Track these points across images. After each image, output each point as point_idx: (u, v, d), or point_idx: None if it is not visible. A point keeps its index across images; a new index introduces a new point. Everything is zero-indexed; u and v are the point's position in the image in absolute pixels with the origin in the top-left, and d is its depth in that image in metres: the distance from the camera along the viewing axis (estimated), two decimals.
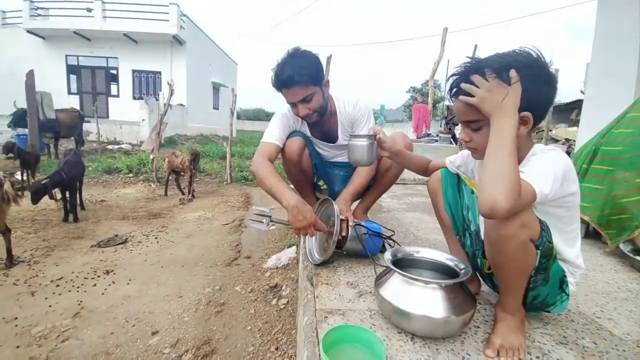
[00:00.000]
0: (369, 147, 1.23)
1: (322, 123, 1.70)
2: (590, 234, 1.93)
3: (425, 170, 1.30)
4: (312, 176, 1.90)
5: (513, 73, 0.79)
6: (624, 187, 1.67)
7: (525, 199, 0.75)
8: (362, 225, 1.42)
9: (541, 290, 0.92)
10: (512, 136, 0.78)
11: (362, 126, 1.71)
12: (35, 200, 3.39)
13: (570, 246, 0.93)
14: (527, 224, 0.79)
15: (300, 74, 1.44)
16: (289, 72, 1.44)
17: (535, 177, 0.77)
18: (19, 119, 7.52)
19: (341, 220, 1.36)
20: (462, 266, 1.00)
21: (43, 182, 3.48)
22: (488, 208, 0.72)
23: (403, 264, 1.08)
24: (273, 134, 1.66)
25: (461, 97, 0.85)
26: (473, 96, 0.83)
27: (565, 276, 0.93)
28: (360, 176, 1.69)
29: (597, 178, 1.78)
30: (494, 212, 0.72)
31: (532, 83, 0.81)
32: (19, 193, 2.71)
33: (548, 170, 0.80)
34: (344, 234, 1.39)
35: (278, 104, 1.67)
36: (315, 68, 1.49)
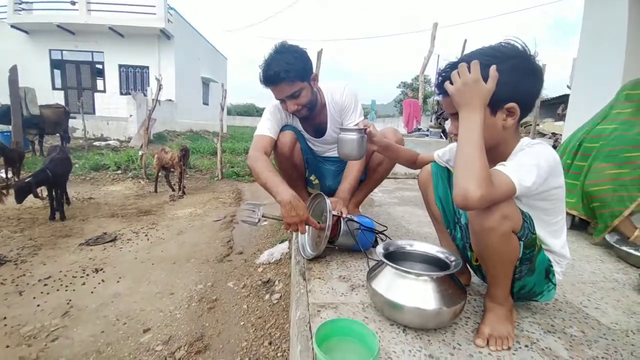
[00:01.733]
0: (359, 141, 1.22)
1: (313, 116, 1.69)
2: (576, 226, 1.98)
3: (414, 163, 1.31)
4: (304, 171, 1.89)
5: (493, 70, 0.79)
6: (594, 177, 1.72)
7: (502, 190, 0.76)
8: (354, 221, 1.42)
9: (527, 280, 0.93)
10: (477, 130, 0.79)
11: (349, 114, 1.70)
12: (19, 199, 3.31)
13: (555, 237, 0.95)
14: (508, 216, 0.81)
15: (286, 70, 1.41)
16: (276, 68, 1.42)
17: (516, 170, 0.79)
18: (2, 116, 7.28)
19: (333, 215, 1.36)
20: (452, 258, 1.01)
21: (27, 180, 3.39)
22: (461, 198, 0.74)
23: (395, 257, 1.09)
24: (266, 126, 1.64)
25: (446, 84, 0.86)
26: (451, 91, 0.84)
27: (551, 266, 0.95)
28: (354, 171, 1.69)
29: (577, 174, 1.82)
30: (467, 202, 0.74)
31: (517, 74, 0.83)
32: (3, 192, 2.65)
33: (532, 163, 0.81)
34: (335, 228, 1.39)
35: (269, 99, 1.66)
36: (301, 63, 1.46)
